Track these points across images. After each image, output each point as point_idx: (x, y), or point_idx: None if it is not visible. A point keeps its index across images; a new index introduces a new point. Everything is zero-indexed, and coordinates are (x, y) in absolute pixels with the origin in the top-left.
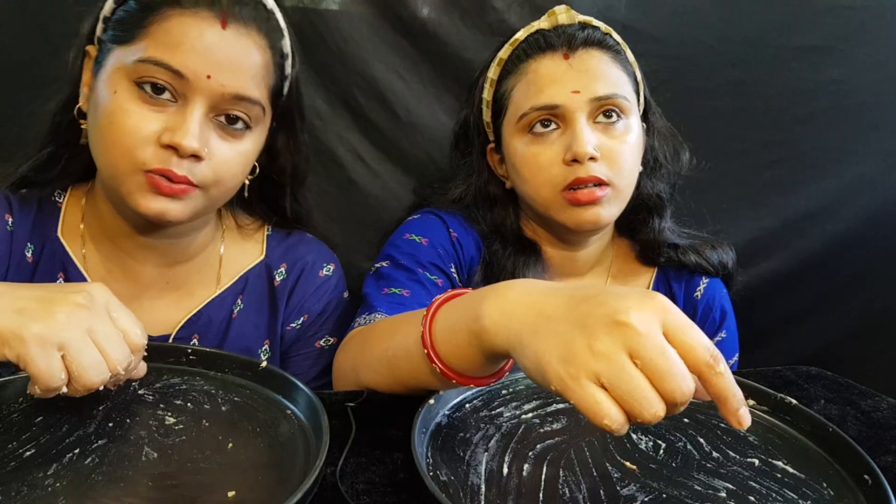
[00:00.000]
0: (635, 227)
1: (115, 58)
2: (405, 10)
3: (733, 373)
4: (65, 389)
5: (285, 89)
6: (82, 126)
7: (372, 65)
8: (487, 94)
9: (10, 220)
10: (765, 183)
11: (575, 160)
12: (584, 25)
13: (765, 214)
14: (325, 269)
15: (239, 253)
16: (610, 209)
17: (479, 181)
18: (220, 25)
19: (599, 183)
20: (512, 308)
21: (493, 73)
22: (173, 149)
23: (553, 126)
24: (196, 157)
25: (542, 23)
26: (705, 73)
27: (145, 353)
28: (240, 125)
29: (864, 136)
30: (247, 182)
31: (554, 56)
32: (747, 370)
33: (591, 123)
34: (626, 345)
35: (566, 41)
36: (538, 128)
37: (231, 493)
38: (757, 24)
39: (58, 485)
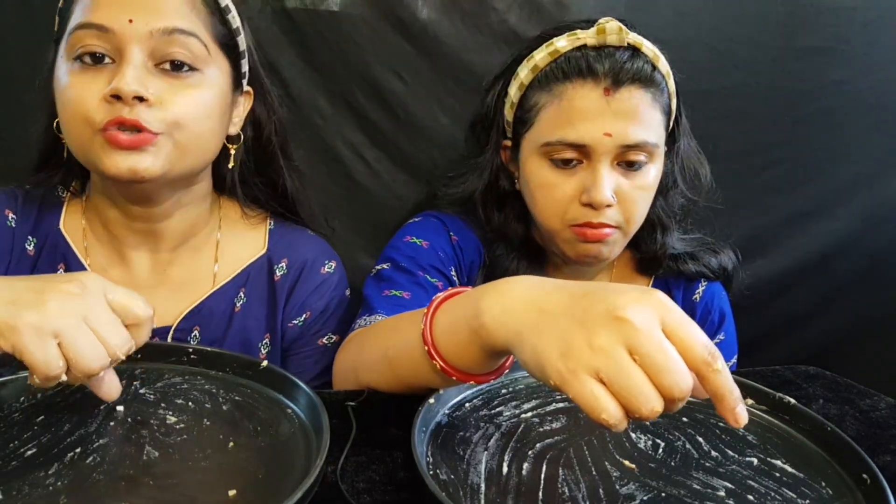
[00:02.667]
0: (638, 241)
1: (59, 52)
2: (405, 11)
3: (732, 373)
4: (64, 377)
5: (241, 46)
6: (63, 141)
7: (372, 65)
8: (514, 96)
9: (12, 215)
10: (765, 183)
11: (590, 204)
12: (633, 52)
13: (764, 214)
14: (326, 266)
15: (239, 243)
16: (613, 249)
17: (490, 177)
18: None
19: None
20: (512, 304)
21: (524, 75)
22: (118, 99)
23: (575, 163)
24: (143, 101)
25: (589, 37)
26: (706, 74)
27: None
28: (185, 69)
29: (865, 137)
30: (232, 151)
31: (595, 88)
32: (746, 370)
33: (614, 166)
34: (625, 340)
35: (612, 74)
36: (560, 163)
37: (231, 493)
38: (758, 24)
39: (59, 484)
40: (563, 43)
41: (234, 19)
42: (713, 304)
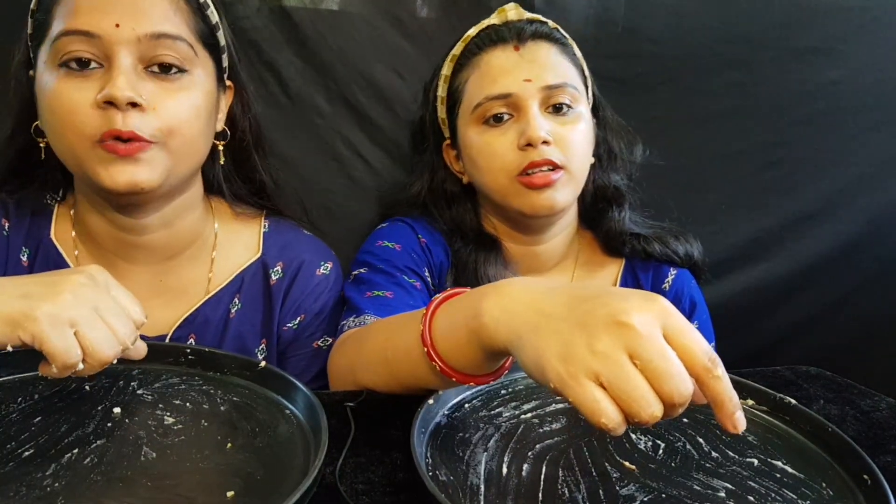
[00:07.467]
0: (596, 219)
1: (41, 58)
2: (404, 10)
3: (732, 372)
4: (80, 366)
5: (221, 42)
6: (41, 144)
7: (372, 64)
8: (441, 91)
9: (7, 224)
10: (764, 185)
11: (529, 145)
12: (532, 21)
13: (763, 216)
14: (322, 267)
15: (234, 248)
16: (564, 193)
17: (436, 179)
18: None
19: (553, 167)
20: (512, 305)
21: (446, 69)
22: (112, 105)
23: (507, 117)
24: (136, 106)
25: (493, 19)
26: (704, 74)
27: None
28: (174, 71)
29: (864, 138)
30: (220, 148)
31: (505, 48)
32: (747, 370)
33: (543, 112)
34: (626, 345)
35: (516, 33)
36: (492, 121)
37: (230, 493)
38: (757, 24)
39: (56, 485)
40: (472, 31)
41: (213, 15)
42: (683, 293)
